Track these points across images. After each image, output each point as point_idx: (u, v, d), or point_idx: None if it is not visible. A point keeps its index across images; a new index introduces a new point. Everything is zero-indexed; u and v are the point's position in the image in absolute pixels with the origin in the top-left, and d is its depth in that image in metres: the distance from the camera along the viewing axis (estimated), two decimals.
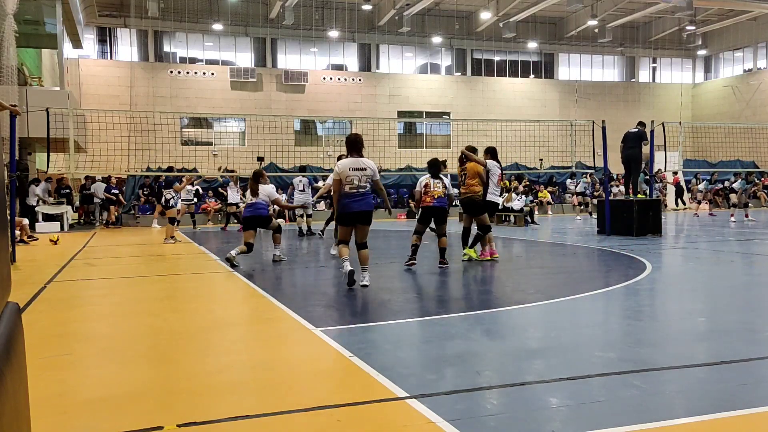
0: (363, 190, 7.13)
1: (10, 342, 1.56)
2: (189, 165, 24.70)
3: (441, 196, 8.86)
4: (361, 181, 7.11)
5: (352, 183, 7.07)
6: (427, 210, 8.91)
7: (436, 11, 32.32)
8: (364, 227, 7.33)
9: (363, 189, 7.12)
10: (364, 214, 7.21)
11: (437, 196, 8.83)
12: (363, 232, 7.33)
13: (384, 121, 28.39)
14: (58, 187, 21.49)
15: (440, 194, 8.86)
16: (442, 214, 8.98)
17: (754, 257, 10.20)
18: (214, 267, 9.70)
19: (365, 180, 7.13)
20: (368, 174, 7.15)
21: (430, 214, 8.94)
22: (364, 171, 7.12)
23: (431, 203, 8.82)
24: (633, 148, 14.33)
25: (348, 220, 7.21)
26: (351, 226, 7.27)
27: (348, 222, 7.24)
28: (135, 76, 28.68)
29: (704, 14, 33.28)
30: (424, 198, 8.88)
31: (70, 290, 7.66)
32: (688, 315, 5.65)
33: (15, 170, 10.83)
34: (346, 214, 7.17)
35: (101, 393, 3.60)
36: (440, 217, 8.98)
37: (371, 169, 7.18)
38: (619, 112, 34.32)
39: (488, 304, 6.44)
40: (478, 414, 3.12)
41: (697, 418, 3.05)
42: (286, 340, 4.90)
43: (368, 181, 7.14)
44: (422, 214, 9.01)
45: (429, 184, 8.88)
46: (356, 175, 7.09)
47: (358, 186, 7.09)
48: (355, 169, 7.10)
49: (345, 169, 7.11)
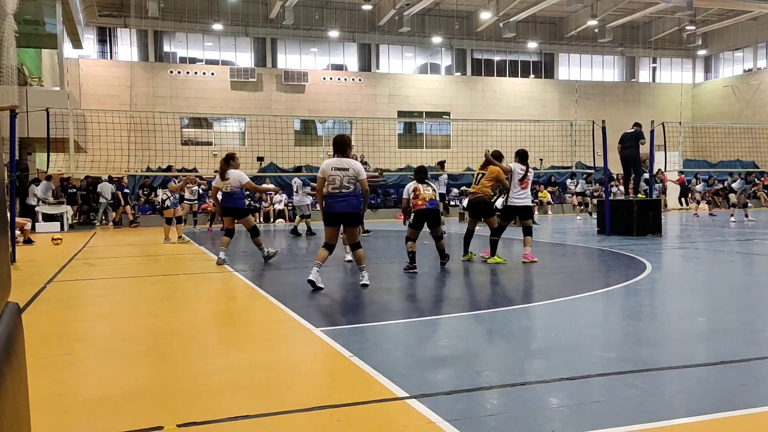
0: (346, 191, 7.04)
1: (10, 342, 1.56)
2: (189, 165, 24.69)
3: (432, 198, 8.78)
4: (344, 181, 7.03)
5: (335, 183, 7.03)
6: (420, 213, 8.74)
7: (436, 11, 32.31)
8: (351, 230, 7.30)
9: (346, 190, 7.03)
10: (347, 216, 7.15)
11: (429, 198, 8.73)
12: (350, 234, 7.32)
13: (384, 121, 28.40)
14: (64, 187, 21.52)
15: (431, 197, 8.77)
16: (436, 217, 8.88)
17: (754, 257, 10.20)
18: (214, 267, 9.70)
19: (348, 180, 7.04)
20: (350, 174, 7.05)
21: (423, 217, 8.77)
22: (346, 171, 7.05)
23: (423, 206, 8.69)
24: (630, 148, 14.34)
25: (330, 220, 7.18)
26: (334, 227, 7.22)
27: (331, 222, 7.20)
28: (135, 76, 28.67)
29: (704, 14, 33.27)
30: (415, 202, 8.75)
31: (70, 290, 7.66)
32: (688, 315, 5.65)
33: (15, 170, 10.83)
34: (328, 214, 7.16)
35: (101, 393, 3.60)
36: (434, 220, 8.85)
37: (354, 170, 7.08)
38: (619, 112, 34.30)
39: (488, 304, 6.43)
40: (478, 414, 3.12)
41: (697, 418, 3.05)
42: (286, 340, 4.90)
43: (352, 182, 7.04)
44: (415, 218, 8.82)
45: (418, 188, 8.76)
46: (338, 174, 7.04)
47: (341, 186, 7.03)
48: (338, 169, 7.06)
49: (327, 169, 7.10)
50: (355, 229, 7.28)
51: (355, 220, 7.20)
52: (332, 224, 7.20)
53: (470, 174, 25.78)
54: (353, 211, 7.11)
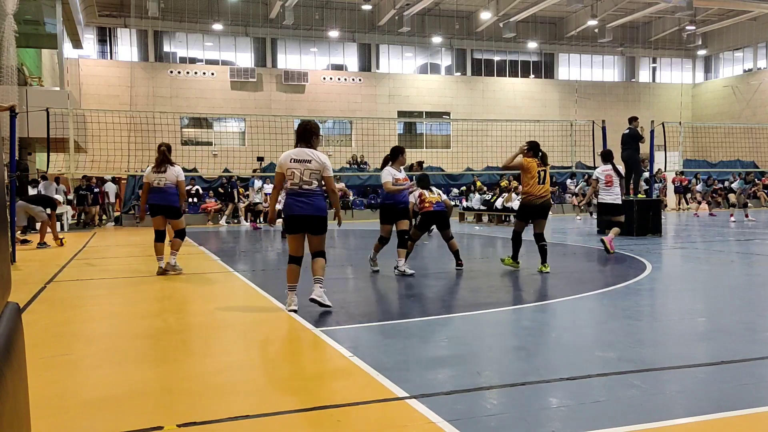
0: (308, 188, 5.65)
1: (10, 342, 1.56)
2: (189, 165, 24.70)
3: (439, 201, 8.81)
4: (304, 175, 5.64)
5: (293, 178, 5.66)
6: (428, 215, 8.75)
7: (436, 11, 32.32)
8: (315, 238, 5.75)
9: (307, 186, 5.65)
10: (311, 220, 5.67)
11: (435, 201, 8.75)
12: (315, 243, 5.77)
13: (384, 121, 28.40)
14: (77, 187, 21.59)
15: (438, 199, 8.80)
16: (444, 219, 8.82)
17: (753, 257, 10.20)
18: (214, 267, 9.70)
19: (309, 175, 5.64)
20: (312, 168, 5.64)
21: (431, 219, 8.79)
22: (307, 164, 5.65)
23: (431, 208, 8.70)
24: (628, 149, 14.33)
25: (292, 226, 5.75)
26: (298, 234, 5.77)
27: (293, 228, 5.75)
28: (135, 76, 28.67)
29: (704, 14, 33.28)
30: (423, 205, 8.76)
31: (70, 290, 7.65)
32: (688, 315, 5.65)
33: (15, 170, 10.83)
34: (289, 218, 5.73)
35: (101, 393, 3.60)
36: (443, 222, 8.78)
37: (319, 162, 5.68)
38: (619, 112, 34.28)
39: (488, 304, 6.43)
40: (478, 414, 3.12)
41: (697, 418, 3.05)
42: (286, 340, 4.90)
43: (315, 177, 5.68)
44: (422, 220, 8.88)
45: (423, 194, 8.83)
46: (297, 167, 5.65)
47: (301, 182, 5.65)
48: (297, 161, 5.67)
49: (285, 161, 5.72)
50: (319, 239, 5.76)
51: (321, 227, 5.75)
52: (294, 231, 5.76)
53: (470, 174, 25.87)
54: (318, 214, 5.69)
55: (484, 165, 25.77)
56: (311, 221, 5.67)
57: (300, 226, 5.71)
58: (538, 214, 8.46)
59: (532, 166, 8.39)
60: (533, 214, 8.47)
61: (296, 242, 5.77)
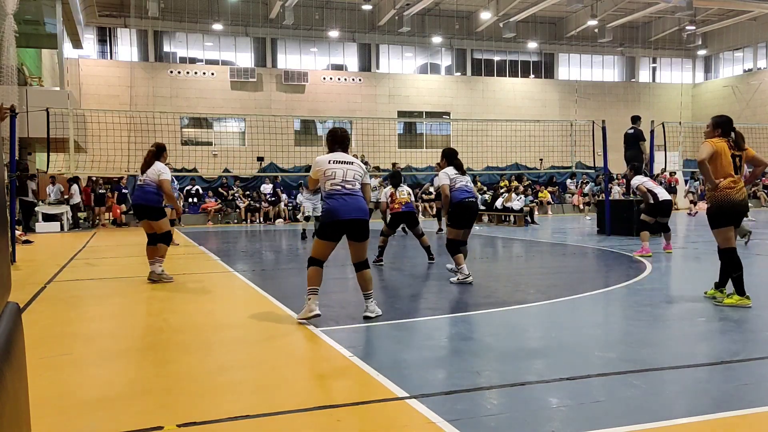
0: (351, 188, 5.28)
1: (10, 342, 1.56)
2: (189, 165, 24.70)
3: (408, 201, 9.69)
4: (347, 175, 5.29)
5: (334, 177, 5.27)
6: (397, 216, 9.68)
7: (436, 11, 32.30)
8: (359, 245, 5.31)
9: (351, 186, 5.29)
10: (356, 225, 5.23)
11: (404, 202, 9.65)
12: (360, 251, 5.34)
13: (384, 121, 28.39)
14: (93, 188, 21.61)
15: (407, 200, 9.69)
16: (412, 218, 9.72)
17: (754, 257, 10.19)
18: (214, 267, 9.70)
19: (353, 176, 5.34)
20: (355, 170, 5.38)
21: (400, 219, 9.74)
22: (350, 165, 5.37)
23: (400, 209, 9.60)
24: (631, 149, 14.32)
25: (333, 231, 5.25)
26: (333, 242, 5.32)
27: (332, 234, 5.26)
28: (135, 76, 28.66)
29: (704, 14, 33.26)
30: (392, 205, 9.72)
31: (70, 290, 7.65)
32: (688, 315, 5.65)
33: (15, 170, 10.82)
34: (333, 223, 5.22)
35: (101, 393, 3.60)
36: (411, 221, 9.70)
37: (360, 167, 5.48)
38: (619, 112, 34.27)
39: (488, 304, 6.43)
40: (478, 414, 3.12)
41: (697, 418, 3.05)
42: (286, 340, 4.90)
43: (358, 178, 5.37)
44: (392, 219, 9.80)
45: (394, 194, 9.78)
46: (339, 168, 5.31)
47: (344, 182, 5.26)
48: (338, 162, 5.35)
49: (323, 162, 5.37)
50: (363, 246, 5.34)
51: (364, 231, 5.31)
52: (332, 238, 5.29)
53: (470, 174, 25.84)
54: (363, 217, 5.27)
55: (484, 165, 25.76)
56: (356, 226, 5.24)
57: (340, 233, 5.29)
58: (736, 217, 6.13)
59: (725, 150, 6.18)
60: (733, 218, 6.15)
61: (327, 249, 5.35)
